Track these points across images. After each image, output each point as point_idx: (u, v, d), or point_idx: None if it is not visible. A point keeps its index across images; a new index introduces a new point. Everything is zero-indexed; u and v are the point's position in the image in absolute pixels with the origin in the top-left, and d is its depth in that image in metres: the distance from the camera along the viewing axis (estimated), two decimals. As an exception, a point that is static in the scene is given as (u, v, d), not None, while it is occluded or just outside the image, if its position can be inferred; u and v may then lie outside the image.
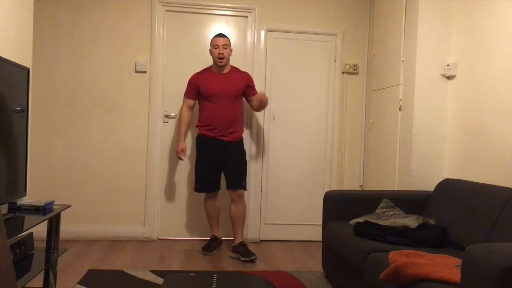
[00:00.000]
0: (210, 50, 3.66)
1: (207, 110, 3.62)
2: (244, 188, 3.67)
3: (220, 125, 3.57)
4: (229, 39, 3.65)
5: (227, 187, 3.66)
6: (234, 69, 3.73)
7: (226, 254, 3.67)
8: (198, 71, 3.77)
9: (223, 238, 3.87)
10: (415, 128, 3.28)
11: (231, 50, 3.68)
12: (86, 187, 3.98)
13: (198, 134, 3.68)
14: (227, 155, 3.60)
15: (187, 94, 3.70)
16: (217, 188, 3.71)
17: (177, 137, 3.77)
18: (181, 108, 3.75)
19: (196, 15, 4.10)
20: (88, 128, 3.98)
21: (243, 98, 3.74)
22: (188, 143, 3.99)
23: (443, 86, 3.28)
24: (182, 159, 3.73)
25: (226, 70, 3.67)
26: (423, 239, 2.46)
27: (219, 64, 3.60)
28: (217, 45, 3.58)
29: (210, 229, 3.83)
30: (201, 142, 3.66)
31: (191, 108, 3.72)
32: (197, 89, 3.64)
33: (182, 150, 3.67)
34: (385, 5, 3.88)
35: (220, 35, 3.64)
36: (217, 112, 3.58)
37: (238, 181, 3.62)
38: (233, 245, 3.67)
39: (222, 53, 3.56)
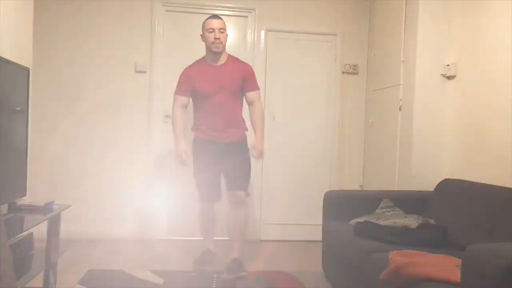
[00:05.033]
0: (202, 35, 3.09)
1: (201, 110, 3.10)
2: (246, 191, 3.14)
3: (217, 126, 3.05)
4: (224, 22, 3.09)
5: (227, 189, 3.14)
6: (232, 59, 3.14)
7: (226, 255, 3.66)
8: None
9: (220, 238, 3.69)
10: (415, 128, 3.28)
11: (227, 35, 3.11)
12: (86, 187, 3.97)
13: (194, 138, 3.16)
14: (228, 159, 3.05)
15: (179, 91, 3.11)
16: (218, 198, 3.21)
17: (174, 142, 3.13)
18: (173, 108, 3.14)
19: (196, 15, 4.09)
20: (88, 128, 3.98)
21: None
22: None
23: (443, 86, 3.28)
24: (187, 164, 3.10)
25: (222, 61, 3.09)
26: (423, 239, 2.46)
27: (215, 50, 3.02)
28: (212, 28, 3.01)
29: (202, 242, 3.33)
30: (198, 147, 3.12)
31: (185, 107, 3.13)
32: (190, 85, 3.08)
33: (185, 152, 3.07)
34: (385, 5, 3.88)
35: (215, 16, 3.10)
36: (213, 111, 3.05)
37: (239, 182, 3.07)
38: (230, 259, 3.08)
39: (219, 38, 2.99)
